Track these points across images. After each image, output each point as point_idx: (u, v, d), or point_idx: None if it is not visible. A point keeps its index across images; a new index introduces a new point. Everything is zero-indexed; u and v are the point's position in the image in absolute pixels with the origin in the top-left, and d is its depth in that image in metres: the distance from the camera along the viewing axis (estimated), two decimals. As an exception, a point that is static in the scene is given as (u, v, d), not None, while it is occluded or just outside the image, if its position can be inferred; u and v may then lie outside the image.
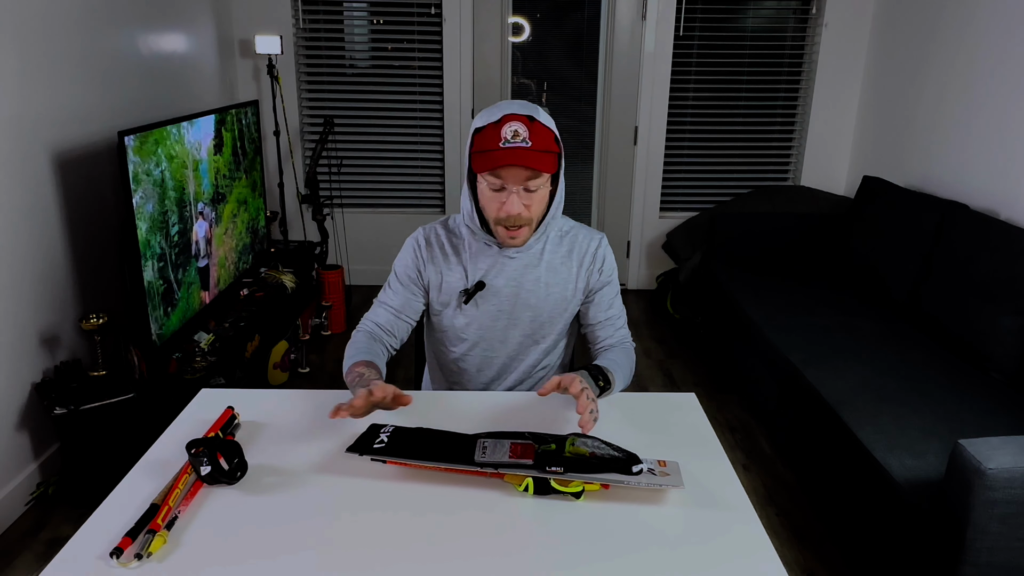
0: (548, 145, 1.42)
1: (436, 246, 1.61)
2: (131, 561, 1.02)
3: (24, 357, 2.33)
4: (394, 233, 4.33)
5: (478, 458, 1.20)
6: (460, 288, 1.59)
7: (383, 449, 1.23)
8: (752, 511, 1.17)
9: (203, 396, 1.51)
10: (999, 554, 1.63)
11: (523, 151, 1.39)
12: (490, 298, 1.59)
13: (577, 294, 1.62)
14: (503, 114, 1.42)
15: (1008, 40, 2.84)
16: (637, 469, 1.18)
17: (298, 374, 3.33)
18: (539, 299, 1.60)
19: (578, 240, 1.62)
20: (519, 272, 1.58)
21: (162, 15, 3.18)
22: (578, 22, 4.15)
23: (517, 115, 1.41)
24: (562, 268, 1.60)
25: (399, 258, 1.63)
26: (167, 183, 2.49)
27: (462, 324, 1.62)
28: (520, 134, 1.39)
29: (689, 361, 3.55)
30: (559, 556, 1.06)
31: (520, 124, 1.40)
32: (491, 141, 1.40)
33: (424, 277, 1.61)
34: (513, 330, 1.62)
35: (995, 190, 2.88)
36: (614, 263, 1.65)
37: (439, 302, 1.62)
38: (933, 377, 2.34)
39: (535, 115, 1.43)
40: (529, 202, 1.45)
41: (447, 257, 1.60)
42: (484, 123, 1.43)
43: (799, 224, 3.59)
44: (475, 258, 1.58)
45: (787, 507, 2.42)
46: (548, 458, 1.19)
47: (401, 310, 1.61)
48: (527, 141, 1.39)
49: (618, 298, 1.66)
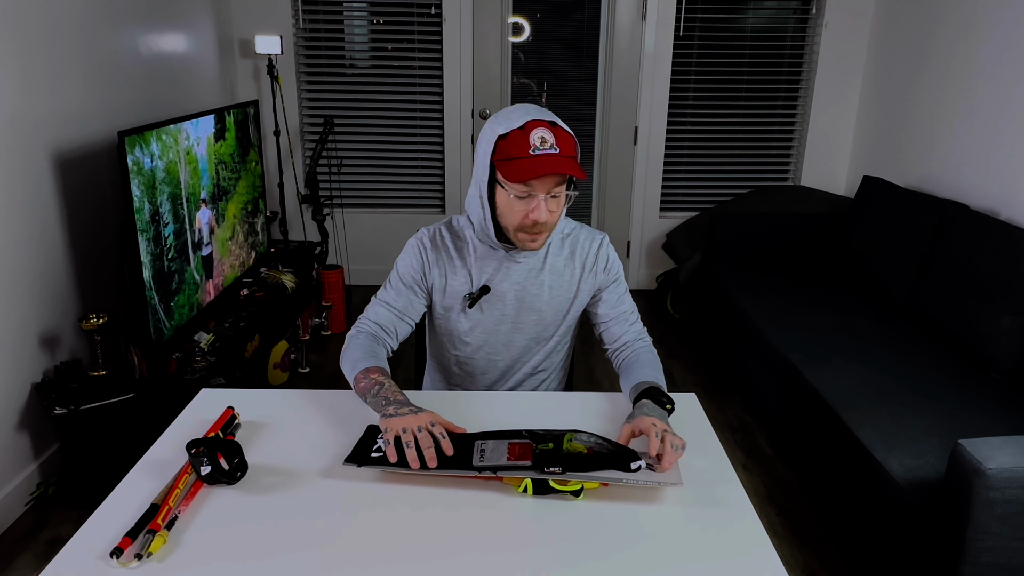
0: (573, 151, 1.40)
1: (441, 248, 1.58)
2: (131, 561, 1.02)
3: (24, 357, 2.33)
4: (394, 233, 4.33)
5: (476, 462, 1.19)
6: (464, 292, 1.58)
7: (381, 459, 1.23)
8: (752, 511, 1.17)
9: (203, 396, 1.51)
10: (999, 554, 1.63)
11: (555, 158, 1.36)
12: (495, 303, 1.58)
13: (580, 295, 1.61)
14: (526, 120, 1.38)
15: (1008, 40, 2.84)
16: (635, 466, 1.18)
17: (298, 374, 3.33)
18: (543, 303, 1.59)
19: (580, 241, 1.61)
20: (523, 276, 1.57)
21: (162, 15, 3.18)
22: (578, 22, 4.15)
23: (541, 121, 1.38)
24: (565, 271, 1.59)
25: (402, 258, 1.60)
26: (167, 182, 2.49)
27: (466, 328, 1.61)
28: (547, 140, 1.36)
29: (689, 361, 3.55)
30: (558, 556, 1.06)
31: (546, 131, 1.37)
32: (519, 149, 1.36)
33: (428, 280, 1.59)
34: (517, 334, 1.62)
35: (995, 190, 2.88)
36: (618, 261, 1.64)
37: (442, 305, 1.60)
38: (933, 377, 2.34)
39: (556, 120, 1.40)
40: (555, 208, 1.43)
41: (452, 260, 1.58)
42: (507, 129, 1.38)
43: (799, 224, 3.59)
44: (480, 262, 1.56)
45: (787, 507, 2.42)
46: (546, 458, 1.19)
47: (404, 311, 1.58)
48: (555, 147, 1.36)
49: (627, 295, 1.65)
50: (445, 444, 1.22)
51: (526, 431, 1.29)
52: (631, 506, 1.17)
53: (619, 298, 1.63)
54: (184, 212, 2.63)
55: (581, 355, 3.48)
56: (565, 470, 1.16)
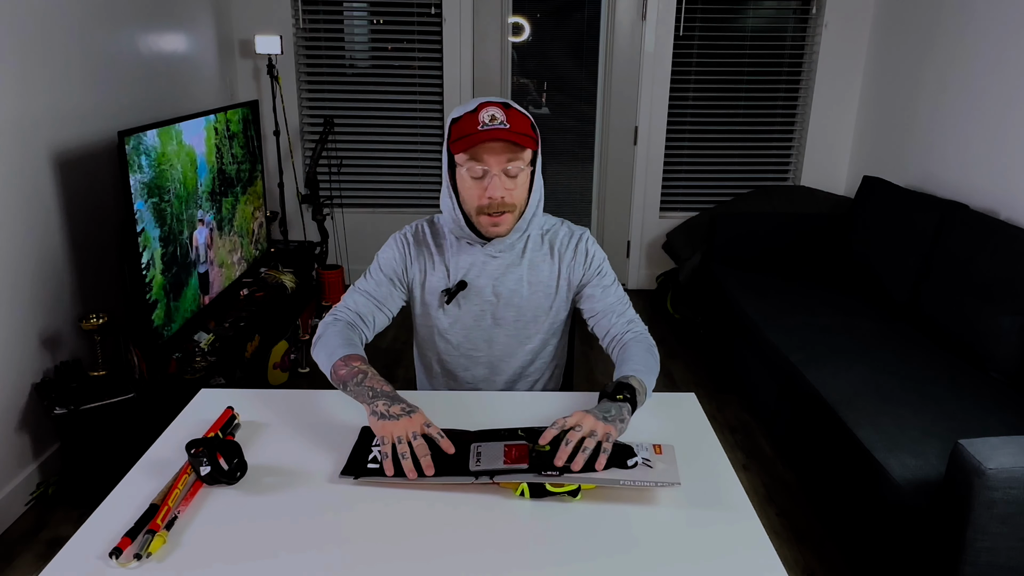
0: (526, 129, 1.44)
1: (423, 244, 1.61)
2: (131, 561, 1.02)
3: (24, 357, 2.33)
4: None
5: (472, 466, 1.19)
6: (442, 287, 1.59)
7: (378, 470, 1.22)
8: (752, 511, 1.17)
9: (203, 396, 1.51)
10: (999, 554, 1.63)
11: (502, 130, 1.40)
12: (472, 298, 1.58)
13: (561, 291, 1.60)
14: (479, 103, 1.44)
15: (1008, 40, 2.84)
16: (632, 462, 1.18)
17: (298, 374, 3.34)
18: (522, 298, 1.58)
19: (559, 236, 1.61)
20: (501, 271, 1.57)
21: (162, 15, 3.18)
22: (578, 22, 4.15)
23: (493, 102, 1.44)
24: (543, 265, 1.59)
25: (384, 251, 1.61)
26: (166, 182, 2.49)
27: (445, 325, 1.61)
28: (497, 118, 1.41)
29: (689, 361, 3.55)
30: (557, 556, 1.06)
31: (497, 110, 1.42)
32: (469, 127, 1.41)
33: (409, 274, 1.60)
34: (497, 330, 1.61)
35: (995, 190, 2.88)
36: (601, 254, 1.62)
37: (422, 301, 1.61)
38: (933, 377, 2.34)
39: (511, 103, 1.45)
40: (511, 186, 1.45)
41: (431, 255, 1.59)
42: (460, 113, 1.45)
43: (799, 224, 3.59)
44: (457, 256, 1.57)
45: (787, 507, 2.42)
46: (542, 460, 1.19)
47: (382, 301, 1.58)
48: (505, 123, 1.40)
49: (616, 287, 1.62)
50: (444, 444, 1.22)
51: (521, 430, 1.29)
52: (630, 507, 1.17)
53: (605, 290, 1.60)
54: (183, 217, 2.63)
55: (581, 355, 3.48)
56: (562, 472, 1.16)
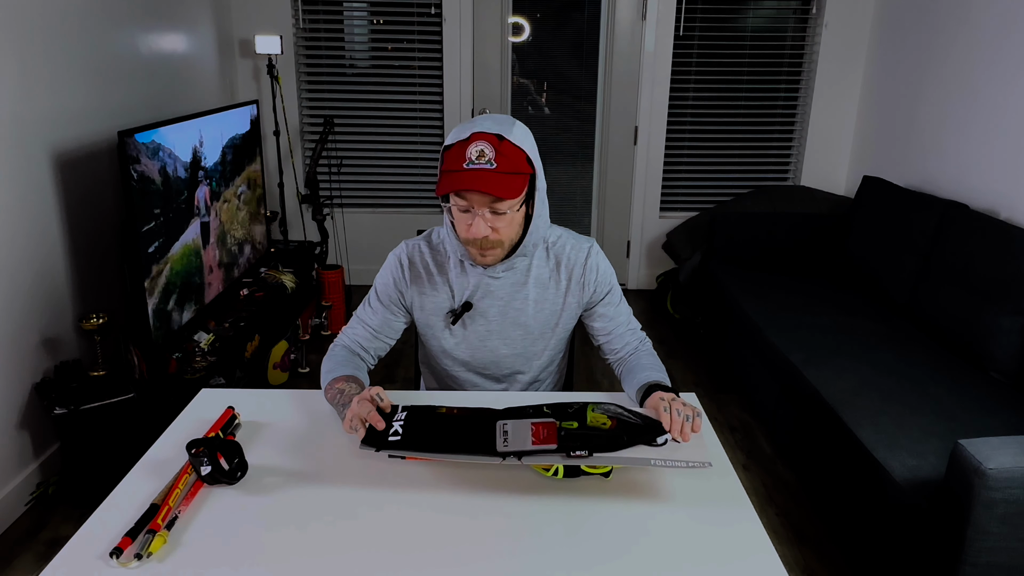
0: (516, 166, 1.33)
1: (420, 266, 1.55)
2: (131, 561, 1.02)
3: (24, 357, 2.33)
4: (394, 233, 4.33)
5: (500, 446, 1.17)
6: (446, 308, 1.54)
7: (400, 443, 1.21)
8: (752, 511, 1.17)
9: (203, 396, 1.51)
10: (999, 554, 1.63)
11: (485, 174, 1.30)
12: (477, 318, 1.54)
13: (569, 309, 1.56)
14: (472, 132, 1.33)
15: (1008, 40, 2.84)
16: (662, 440, 1.17)
17: (298, 374, 3.33)
18: (528, 317, 1.54)
19: (566, 251, 1.54)
20: (507, 291, 1.52)
21: (162, 15, 3.18)
22: (578, 22, 4.15)
23: (486, 134, 1.32)
24: (550, 283, 1.54)
25: (380, 276, 1.58)
26: (166, 182, 2.49)
27: (451, 344, 1.58)
28: (486, 155, 1.30)
29: (689, 361, 3.55)
30: (556, 556, 1.06)
31: (487, 144, 1.31)
32: (456, 161, 1.32)
33: (407, 298, 1.57)
34: (504, 349, 1.57)
35: (995, 190, 2.88)
36: (609, 268, 1.58)
37: (424, 324, 1.58)
38: (933, 377, 2.34)
39: (506, 134, 1.33)
40: (497, 224, 1.37)
41: (431, 277, 1.54)
42: (453, 140, 1.36)
43: (799, 224, 3.59)
44: (461, 277, 1.53)
45: (787, 507, 2.42)
46: (571, 440, 1.16)
47: (380, 330, 1.57)
48: (492, 163, 1.30)
49: (623, 303, 1.60)
50: (373, 417, 1.25)
51: (546, 406, 1.27)
52: (631, 506, 1.17)
53: (615, 309, 1.58)
54: (186, 215, 2.63)
55: (581, 355, 3.48)
56: (591, 452, 1.14)
